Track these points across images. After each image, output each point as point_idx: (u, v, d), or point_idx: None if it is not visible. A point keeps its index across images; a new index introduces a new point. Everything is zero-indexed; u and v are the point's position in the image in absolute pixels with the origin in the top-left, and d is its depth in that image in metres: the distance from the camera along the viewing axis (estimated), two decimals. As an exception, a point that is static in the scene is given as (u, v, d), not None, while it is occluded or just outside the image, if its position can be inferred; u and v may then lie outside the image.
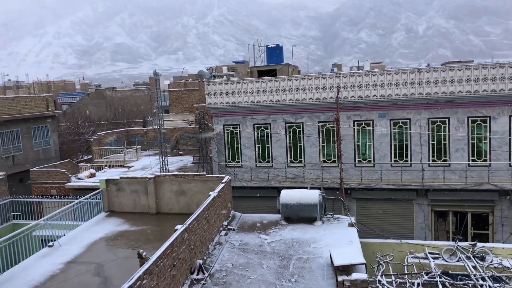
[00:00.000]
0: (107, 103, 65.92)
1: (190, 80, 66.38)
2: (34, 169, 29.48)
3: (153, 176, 18.84)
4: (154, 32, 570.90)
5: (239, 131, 26.87)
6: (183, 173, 19.18)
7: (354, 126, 24.89)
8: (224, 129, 27.13)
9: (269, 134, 26.35)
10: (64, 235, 16.10)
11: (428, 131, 23.78)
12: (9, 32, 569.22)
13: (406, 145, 24.25)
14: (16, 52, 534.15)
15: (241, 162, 26.94)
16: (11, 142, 33.03)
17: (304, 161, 25.90)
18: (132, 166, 31.65)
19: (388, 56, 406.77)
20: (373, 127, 24.61)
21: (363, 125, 24.84)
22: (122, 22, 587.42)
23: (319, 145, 25.60)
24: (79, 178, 28.67)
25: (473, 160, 23.34)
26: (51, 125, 37.18)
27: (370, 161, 24.89)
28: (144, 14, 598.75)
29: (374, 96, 24.21)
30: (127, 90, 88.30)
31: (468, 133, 23.21)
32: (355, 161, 25.07)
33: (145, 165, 31.18)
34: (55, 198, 23.78)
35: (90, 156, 39.51)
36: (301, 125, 25.81)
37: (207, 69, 41.12)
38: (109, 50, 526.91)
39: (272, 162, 26.43)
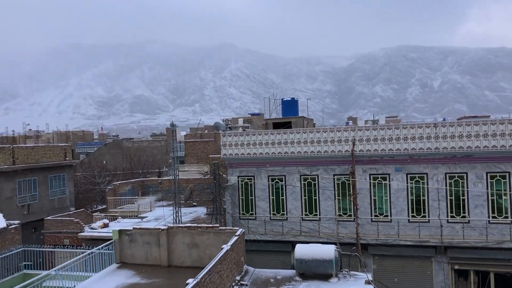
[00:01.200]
0: (123, 153, 66.71)
1: (206, 131, 67.36)
2: (48, 218, 29.52)
3: (166, 227, 18.64)
4: (172, 84, 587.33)
5: (254, 182, 26.76)
6: (196, 225, 18.95)
7: (370, 179, 24.62)
8: (238, 180, 27.06)
9: (284, 186, 26.17)
10: (75, 286, 15.80)
11: (446, 186, 23.37)
12: (33, 84, 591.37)
13: (424, 200, 23.80)
14: (38, 103, 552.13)
15: (255, 214, 26.64)
16: (27, 190, 33.30)
17: (320, 215, 25.50)
18: (146, 217, 31.51)
19: (403, 110, 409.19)
20: (389, 181, 24.31)
21: (379, 179, 24.55)
22: (142, 75, 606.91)
23: (335, 199, 25.27)
24: (92, 228, 28.54)
25: (493, 217, 22.70)
26: (68, 174, 37.55)
27: (387, 216, 24.39)
28: (164, 68, 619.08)
29: (390, 150, 24.08)
30: (144, 140, 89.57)
31: (487, 188, 22.73)
32: (371, 216, 24.59)
33: (158, 215, 30.99)
34: (67, 248, 23.61)
35: (104, 206, 39.53)
36: (316, 178, 25.63)
37: (223, 121, 41.68)
38: (128, 102, 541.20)
39: (286, 215, 26.08)
